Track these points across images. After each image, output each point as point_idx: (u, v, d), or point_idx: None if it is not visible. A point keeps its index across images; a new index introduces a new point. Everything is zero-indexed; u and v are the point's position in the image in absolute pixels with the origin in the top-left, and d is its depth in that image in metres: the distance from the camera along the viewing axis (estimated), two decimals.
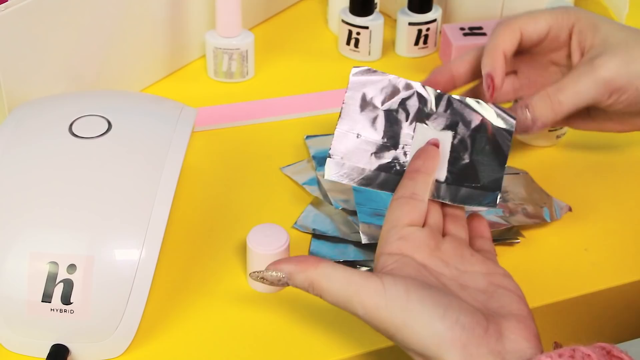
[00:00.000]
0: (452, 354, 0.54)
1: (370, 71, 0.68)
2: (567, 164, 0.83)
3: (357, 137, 0.67)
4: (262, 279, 0.60)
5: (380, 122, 0.68)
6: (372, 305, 0.57)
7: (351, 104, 0.68)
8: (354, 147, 0.67)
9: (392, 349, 0.67)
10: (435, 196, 0.65)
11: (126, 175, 0.67)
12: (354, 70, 0.68)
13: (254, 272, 0.61)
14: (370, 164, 0.66)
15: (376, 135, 0.67)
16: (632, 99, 0.68)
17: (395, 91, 0.69)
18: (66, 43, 0.82)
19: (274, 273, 0.60)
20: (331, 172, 0.66)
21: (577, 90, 0.67)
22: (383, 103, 0.68)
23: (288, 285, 0.60)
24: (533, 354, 0.54)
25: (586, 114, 0.74)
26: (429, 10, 0.96)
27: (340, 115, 0.67)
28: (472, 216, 0.68)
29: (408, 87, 0.69)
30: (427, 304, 0.56)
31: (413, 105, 0.68)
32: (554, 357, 0.52)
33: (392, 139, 0.67)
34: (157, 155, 0.69)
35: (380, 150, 0.67)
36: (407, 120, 0.68)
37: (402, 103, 0.68)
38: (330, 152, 0.66)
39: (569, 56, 0.72)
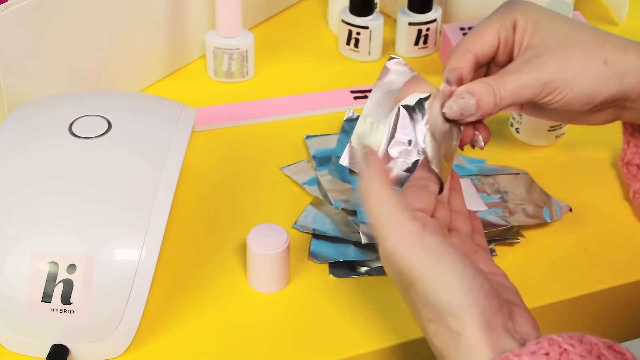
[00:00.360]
0: (472, 315, 0.54)
1: (402, 64, 0.68)
2: (567, 163, 0.83)
3: (376, 128, 0.66)
4: None
5: (398, 117, 0.67)
6: (407, 241, 0.56)
7: (376, 94, 0.67)
8: (372, 138, 0.66)
9: (393, 349, 0.67)
10: None
11: (126, 175, 0.67)
12: (390, 60, 0.68)
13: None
14: (384, 158, 0.66)
15: (392, 130, 0.67)
16: (567, 100, 0.68)
17: (415, 89, 0.68)
18: (66, 43, 0.82)
19: None
20: (346, 159, 0.65)
21: (517, 88, 0.67)
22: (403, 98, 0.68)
23: None
24: (539, 336, 0.55)
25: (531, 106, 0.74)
26: (429, 10, 0.96)
27: (367, 103, 0.67)
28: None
29: (427, 88, 0.68)
30: (460, 261, 0.56)
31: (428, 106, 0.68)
32: (564, 337, 0.53)
33: (406, 135, 0.67)
34: (157, 155, 0.69)
35: (395, 145, 0.67)
36: (422, 120, 0.68)
37: (419, 102, 0.68)
38: (351, 138, 0.66)
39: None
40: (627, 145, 0.78)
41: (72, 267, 0.63)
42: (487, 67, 0.72)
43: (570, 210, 0.76)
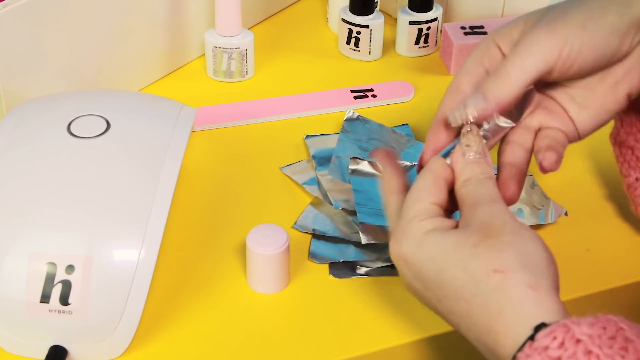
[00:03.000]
0: (547, 276, 0.56)
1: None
2: (568, 163, 0.83)
3: None
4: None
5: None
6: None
7: None
8: None
9: (394, 349, 0.67)
10: None
11: (125, 175, 0.67)
12: None
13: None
14: None
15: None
16: (582, 69, 0.65)
17: None
18: (65, 42, 0.81)
19: None
20: None
21: (521, 58, 0.63)
22: None
23: None
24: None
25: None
26: (429, 9, 0.95)
27: None
28: None
29: None
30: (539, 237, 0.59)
31: None
32: (620, 318, 0.54)
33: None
34: (156, 155, 0.69)
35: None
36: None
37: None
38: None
39: None
40: (620, 123, 0.73)
41: (70, 268, 0.63)
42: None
43: (566, 214, 0.76)
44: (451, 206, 0.62)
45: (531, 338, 0.52)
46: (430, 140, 0.65)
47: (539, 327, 0.53)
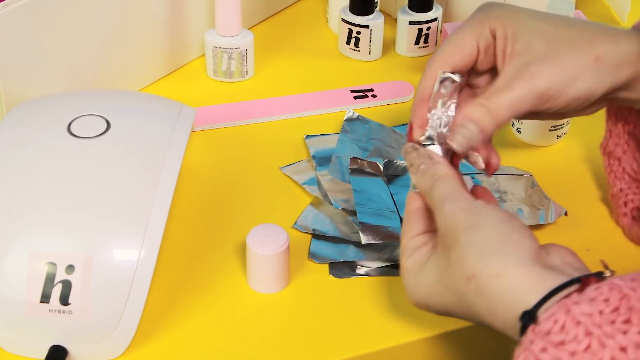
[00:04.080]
0: (511, 253, 0.56)
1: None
2: (568, 163, 0.83)
3: None
4: None
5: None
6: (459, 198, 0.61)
7: None
8: None
9: (393, 349, 0.67)
10: None
11: (125, 175, 0.67)
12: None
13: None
14: None
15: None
16: (564, 104, 0.66)
17: None
18: (65, 42, 0.81)
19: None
20: None
21: (514, 104, 0.65)
22: None
23: None
24: (581, 262, 0.58)
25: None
26: (429, 9, 0.95)
27: None
28: (476, 187, 0.67)
29: None
30: (497, 210, 0.59)
31: None
32: (626, 280, 0.52)
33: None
34: (156, 155, 0.69)
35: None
36: None
37: None
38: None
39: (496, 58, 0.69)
40: (609, 134, 0.75)
41: (70, 268, 0.63)
42: (466, 75, 0.69)
43: (566, 214, 0.76)
44: None
45: (533, 321, 0.52)
46: (417, 116, 0.67)
47: (524, 316, 0.53)
